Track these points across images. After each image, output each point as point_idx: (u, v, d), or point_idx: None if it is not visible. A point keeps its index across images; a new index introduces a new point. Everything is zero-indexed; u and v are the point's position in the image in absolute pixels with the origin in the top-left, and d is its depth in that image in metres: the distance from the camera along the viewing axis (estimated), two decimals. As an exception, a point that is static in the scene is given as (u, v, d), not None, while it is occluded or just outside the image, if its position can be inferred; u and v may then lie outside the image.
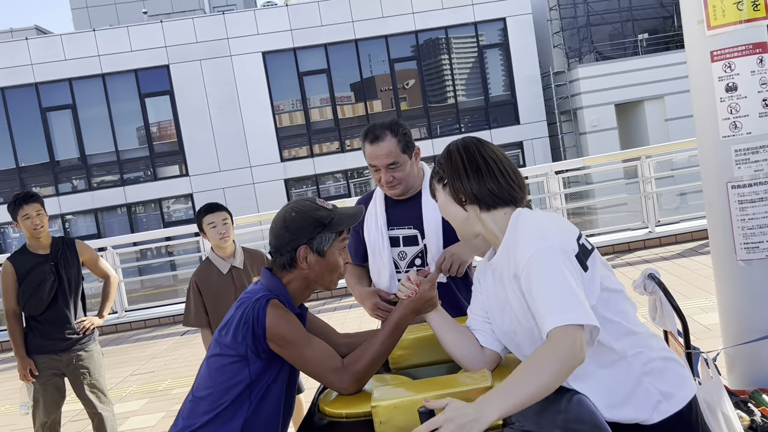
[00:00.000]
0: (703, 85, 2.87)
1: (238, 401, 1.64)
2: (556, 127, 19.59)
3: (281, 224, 1.73)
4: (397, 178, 2.33)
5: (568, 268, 1.42)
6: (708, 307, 4.86)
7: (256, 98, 17.80)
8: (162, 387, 5.45)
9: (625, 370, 1.50)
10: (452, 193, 1.64)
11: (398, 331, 1.66)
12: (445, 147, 1.71)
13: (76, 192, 17.91)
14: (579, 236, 1.52)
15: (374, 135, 2.32)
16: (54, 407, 3.54)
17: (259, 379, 1.65)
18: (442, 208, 1.69)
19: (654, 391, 1.50)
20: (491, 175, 1.61)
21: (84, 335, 3.58)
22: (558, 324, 1.36)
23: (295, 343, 1.62)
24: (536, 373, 1.31)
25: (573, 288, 1.39)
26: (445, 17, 18.19)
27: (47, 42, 17.72)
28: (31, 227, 3.42)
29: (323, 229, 1.71)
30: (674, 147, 8.44)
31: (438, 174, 1.68)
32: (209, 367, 1.69)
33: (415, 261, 2.41)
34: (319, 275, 1.74)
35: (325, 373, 1.61)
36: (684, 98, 18.07)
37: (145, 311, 8.43)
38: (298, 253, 1.71)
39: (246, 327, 1.62)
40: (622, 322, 1.52)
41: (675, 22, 19.67)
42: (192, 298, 3.26)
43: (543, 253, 1.43)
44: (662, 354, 1.56)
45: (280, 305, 1.66)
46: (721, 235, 2.91)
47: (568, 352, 1.34)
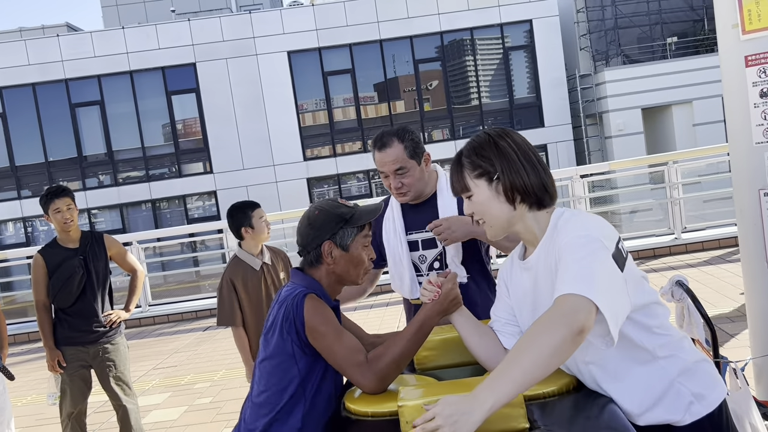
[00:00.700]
0: (737, 90, 2.83)
1: (294, 399, 1.70)
2: (581, 130, 19.41)
3: (306, 223, 1.81)
4: (406, 184, 2.35)
5: (603, 256, 1.36)
6: (735, 316, 4.78)
7: (281, 97, 17.91)
8: (184, 381, 5.51)
9: (658, 371, 1.48)
10: (506, 188, 1.50)
11: (422, 332, 1.66)
12: (477, 138, 1.58)
13: (102, 187, 18.18)
14: (618, 240, 1.47)
15: (381, 142, 2.35)
16: (80, 398, 3.60)
17: (309, 375, 1.70)
18: (481, 206, 1.54)
19: (686, 393, 1.48)
20: (544, 169, 1.53)
21: (111, 328, 3.63)
22: (569, 291, 1.29)
23: (327, 335, 1.66)
24: (528, 348, 1.24)
25: (601, 270, 1.33)
26: (470, 18, 18.13)
27: (77, 39, 18.01)
28: (62, 221, 3.48)
29: (345, 224, 1.78)
30: (702, 153, 8.32)
31: (481, 168, 1.52)
32: (261, 371, 1.75)
33: (433, 264, 2.44)
34: (345, 270, 1.80)
35: (349, 367, 1.63)
36: (713, 103, 17.81)
37: (169, 306, 8.52)
38: (323, 249, 1.78)
39: (288, 323, 1.68)
40: (655, 325, 1.50)
41: (705, 26, 19.38)
42: (226, 297, 3.28)
43: (581, 239, 1.39)
44: (694, 356, 1.54)
45: (317, 298, 1.72)
46: (752, 243, 2.86)
47: (565, 318, 1.25)
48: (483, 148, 1.55)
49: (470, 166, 1.55)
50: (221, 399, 4.88)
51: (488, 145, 1.54)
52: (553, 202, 1.54)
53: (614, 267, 1.37)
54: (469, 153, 1.56)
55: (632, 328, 1.46)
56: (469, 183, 1.55)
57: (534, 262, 1.52)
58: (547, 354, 1.23)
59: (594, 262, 1.34)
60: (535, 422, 1.36)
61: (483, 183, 1.53)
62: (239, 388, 5.06)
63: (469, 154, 1.56)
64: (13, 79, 17.55)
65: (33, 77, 17.57)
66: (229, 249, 8.39)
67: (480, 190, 1.54)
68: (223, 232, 8.72)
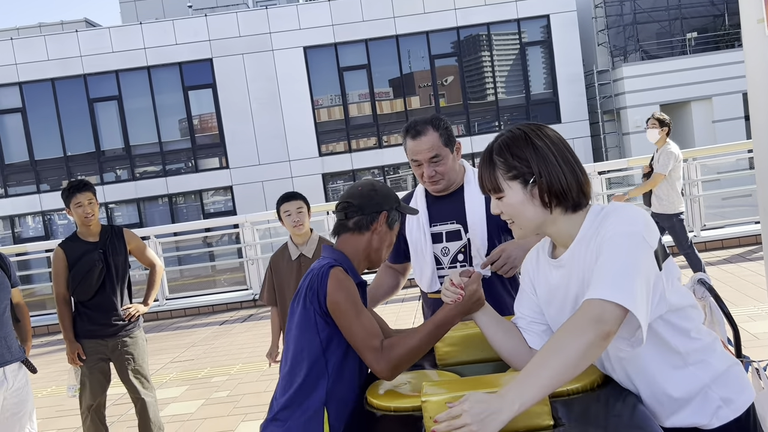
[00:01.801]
0: (762, 86, 2.78)
1: (316, 372, 1.72)
2: (598, 126, 19.25)
3: (369, 187, 1.87)
4: (440, 172, 2.33)
5: (645, 258, 1.32)
6: (756, 315, 4.72)
7: (297, 93, 17.94)
8: (201, 375, 5.55)
9: (690, 377, 1.45)
10: (542, 192, 1.42)
11: (441, 329, 1.66)
12: (511, 135, 1.47)
13: (119, 181, 18.34)
14: (660, 238, 1.42)
15: (416, 130, 2.32)
16: (99, 391, 3.64)
17: (330, 347, 1.72)
18: (513, 208, 1.46)
19: (715, 397, 1.45)
20: (580, 169, 1.45)
21: (129, 322, 3.67)
22: (599, 296, 1.27)
23: (347, 312, 1.68)
24: (557, 351, 1.24)
25: (639, 275, 1.29)
26: (487, 13, 18.02)
27: (96, 34, 18.16)
28: (83, 215, 3.51)
29: (398, 207, 1.88)
30: (722, 150, 8.22)
31: (515, 169, 1.43)
32: (288, 343, 1.79)
33: (458, 256, 2.40)
34: (378, 246, 1.86)
35: (365, 349, 1.66)
36: (733, 99, 17.57)
37: (186, 300, 8.59)
38: (380, 216, 1.84)
39: (312, 293, 1.73)
40: (691, 329, 1.47)
41: (726, 21, 19.11)
42: (267, 277, 3.47)
43: (626, 235, 1.33)
44: (725, 360, 1.51)
45: (343, 272, 1.74)
46: (776, 242, 2.82)
47: (592, 323, 1.24)
48: (518, 146, 1.45)
49: (504, 167, 1.45)
50: (238, 392, 4.91)
51: (524, 144, 1.44)
52: (588, 202, 1.48)
53: (653, 266, 1.34)
54: (501, 151, 1.46)
55: (666, 330, 1.43)
56: (501, 184, 1.46)
57: (567, 260, 1.47)
58: (574, 358, 1.24)
59: (633, 260, 1.31)
60: (560, 419, 1.34)
61: (517, 185, 1.44)
62: (256, 382, 5.09)
63: (501, 152, 1.46)
64: (33, 75, 17.75)
65: (52, 72, 17.75)
66: (246, 244, 8.43)
67: (513, 192, 1.45)
68: (239, 227, 8.76)
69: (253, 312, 7.91)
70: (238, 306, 8.23)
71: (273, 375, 5.19)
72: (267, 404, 4.54)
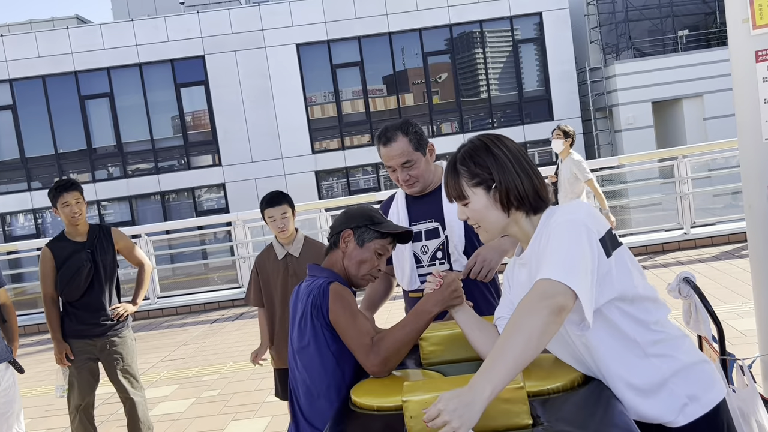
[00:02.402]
0: (746, 86, 2.80)
1: (336, 383, 1.81)
2: (590, 124, 19.30)
3: (343, 213, 2.03)
4: (414, 175, 2.41)
5: (588, 242, 1.40)
6: (743, 312, 4.75)
7: (290, 90, 17.91)
8: (192, 374, 5.54)
9: (649, 368, 1.48)
10: (502, 197, 1.53)
11: (422, 318, 1.74)
12: (471, 145, 1.58)
13: (111, 179, 18.27)
14: (609, 229, 1.49)
15: (386, 137, 2.39)
16: (88, 391, 3.63)
17: (343, 358, 1.81)
18: (478, 213, 1.56)
19: (680, 394, 1.48)
20: (536, 175, 1.56)
21: (118, 321, 3.66)
22: (548, 276, 1.35)
23: (344, 318, 1.78)
24: (516, 332, 1.30)
25: (584, 258, 1.38)
26: (480, 11, 18.03)
27: (87, 31, 18.07)
28: (70, 215, 3.50)
29: (371, 225, 1.96)
30: (713, 147, 8.25)
31: (478, 176, 1.54)
32: (302, 360, 1.87)
33: (436, 254, 2.47)
34: (353, 264, 1.95)
35: (359, 349, 1.75)
36: (724, 97, 17.63)
37: (177, 298, 8.57)
38: (342, 234, 1.96)
39: (316, 310, 1.82)
40: (651, 321, 1.50)
41: (717, 19, 19.19)
42: (252, 278, 3.48)
43: (568, 223, 1.43)
44: (692, 357, 1.53)
45: (340, 285, 1.87)
46: (761, 239, 2.84)
47: (544, 300, 1.32)
48: (479, 155, 1.55)
49: (467, 174, 1.56)
50: (229, 392, 4.91)
51: (484, 153, 1.55)
52: (547, 205, 1.57)
53: (598, 251, 1.41)
54: (464, 160, 1.57)
55: (620, 318, 1.48)
56: (466, 191, 1.56)
57: (528, 258, 1.56)
58: (534, 336, 1.30)
59: (576, 246, 1.39)
60: (539, 418, 1.36)
61: (481, 191, 1.55)
62: (246, 381, 5.09)
63: (464, 161, 1.56)
64: (24, 71, 17.65)
65: (43, 69, 17.65)
66: (238, 242, 8.42)
67: (477, 198, 1.56)
68: (231, 225, 8.75)
69: (244, 310, 7.90)
70: (230, 304, 8.21)
71: (264, 374, 5.18)
72: (257, 403, 4.56)
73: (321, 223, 8.34)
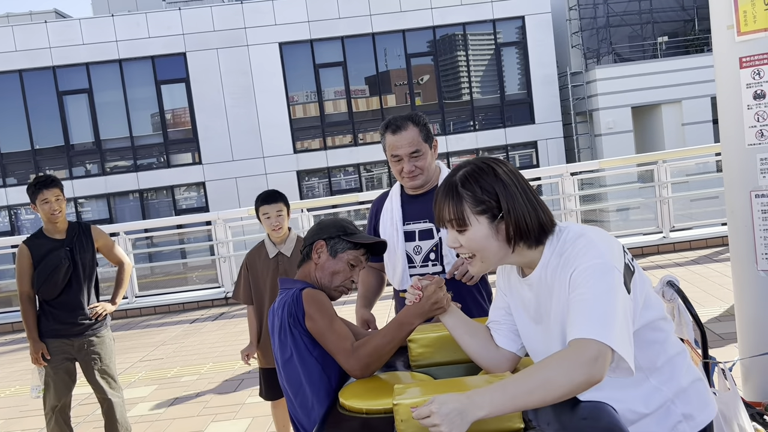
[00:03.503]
0: (731, 92, 2.83)
1: (323, 390, 1.79)
2: (571, 127, 19.45)
3: (316, 225, 2.03)
4: (419, 167, 2.38)
5: (620, 291, 1.32)
6: (722, 316, 4.81)
7: (272, 89, 17.80)
8: (170, 374, 5.47)
9: (654, 392, 1.46)
10: (508, 230, 1.41)
11: (402, 329, 1.72)
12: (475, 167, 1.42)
13: (89, 176, 18.01)
14: (624, 254, 1.42)
15: (396, 125, 2.37)
16: (64, 391, 3.56)
17: (327, 364, 1.80)
18: (477, 243, 1.42)
19: (676, 413, 1.46)
20: (542, 206, 1.44)
21: (96, 321, 3.59)
22: (586, 335, 1.28)
23: (320, 321, 1.77)
24: (542, 380, 1.25)
25: (618, 310, 1.30)
26: (463, 13, 18.08)
27: (66, 26, 17.78)
28: (49, 212, 3.43)
29: (344, 235, 1.95)
30: (692, 152, 8.36)
31: (483, 204, 1.39)
32: (287, 372, 1.85)
33: (429, 255, 2.43)
34: (325, 274, 1.94)
35: (339, 352, 1.75)
36: (702, 103, 17.88)
37: (156, 298, 8.46)
38: (315, 245, 1.95)
39: (293, 319, 1.81)
40: (660, 346, 1.47)
41: (695, 26, 19.46)
42: (242, 276, 3.45)
43: (597, 268, 1.33)
44: (689, 375, 1.51)
45: (313, 290, 1.87)
46: (743, 244, 2.87)
47: (585, 367, 1.25)
48: (485, 179, 1.41)
49: (472, 200, 1.40)
50: (208, 392, 4.85)
51: (491, 177, 1.41)
52: (548, 235, 1.46)
53: (626, 298, 1.34)
54: (468, 183, 1.41)
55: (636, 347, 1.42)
56: (469, 218, 1.41)
57: (535, 282, 1.48)
58: (558, 392, 1.25)
59: (611, 298, 1.31)
60: (530, 422, 1.35)
61: (485, 220, 1.40)
62: (227, 382, 5.03)
63: (468, 184, 1.41)
64: (0, 66, 17.32)
65: (20, 64, 17.34)
66: (218, 241, 8.34)
67: (479, 227, 1.41)
68: (211, 224, 8.66)
69: (224, 310, 7.83)
70: (210, 304, 8.14)
71: (244, 375, 5.13)
72: (237, 404, 4.51)
73: (303, 223, 8.29)
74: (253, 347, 3.41)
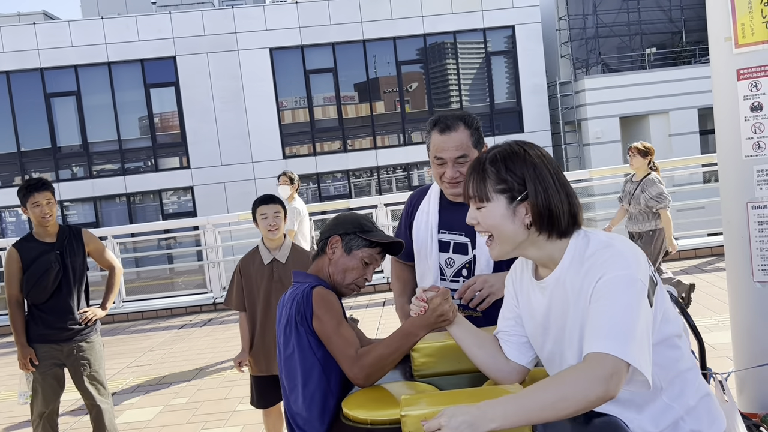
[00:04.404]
0: (727, 103, 2.84)
1: (321, 390, 1.76)
2: (559, 137, 19.57)
3: (333, 219, 1.99)
4: (464, 173, 2.08)
5: (642, 304, 1.30)
6: (713, 326, 4.83)
7: (262, 94, 17.75)
8: (159, 381, 5.40)
9: (666, 410, 1.44)
10: (533, 212, 1.38)
11: (407, 339, 1.68)
12: (504, 147, 1.42)
13: (76, 179, 17.83)
14: (648, 264, 1.40)
15: (445, 124, 2.12)
16: (53, 397, 3.50)
17: (329, 365, 1.76)
18: (491, 221, 1.42)
19: (686, 428, 1.44)
20: (574, 195, 1.41)
21: (86, 326, 3.54)
22: (603, 349, 1.25)
23: (327, 323, 1.74)
24: (556, 394, 1.23)
25: (638, 324, 1.28)
26: (454, 22, 18.16)
27: (54, 28, 17.64)
28: (40, 215, 3.38)
29: (360, 232, 1.91)
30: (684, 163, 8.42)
31: (505, 183, 1.39)
32: (287, 368, 1.83)
33: (462, 271, 2.21)
34: (338, 270, 1.91)
35: (343, 358, 1.72)
36: (688, 114, 18.06)
37: (143, 303, 8.38)
38: (330, 240, 1.92)
39: (300, 316, 1.78)
40: (674, 363, 1.45)
41: (683, 38, 19.67)
42: (234, 282, 3.40)
43: (622, 279, 1.31)
44: (699, 391, 1.49)
45: (324, 289, 1.83)
46: (739, 255, 2.88)
47: (601, 383, 1.23)
48: (513, 161, 1.40)
49: (495, 177, 1.41)
50: (198, 399, 4.79)
51: (520, 160, 1.41)
52: (576, 230, 1.43)
53: (648, 312, 1.32)
54: (496, 162, 1.42)
55: None
56: (489, 194, 1.42)
57: (551, 285, 1.45)
58: (572, 409, 1.24)
59: (632, 312, 1.29)
60: (535, 428, 1.33)
61: (502, 199, 1.41)
62: (216, 389, 4.98)
63: (496, 162, 1.42)
64: (-13, 66, 17.15)
65: (7, 65, 17.17)
66: (207, 246, 8.28)
67: (496, 205, 1.41)
68: (199, 229, 8.60)
69: (213, 316, 7.76)
70: (198, 309, 8.06)
71: (234, 381, 5.08)
72: (228, 411, 4.46)
73: (293, 229, 8.24)
74: (246, 354, 3.37)
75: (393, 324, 5.88)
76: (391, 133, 18.63)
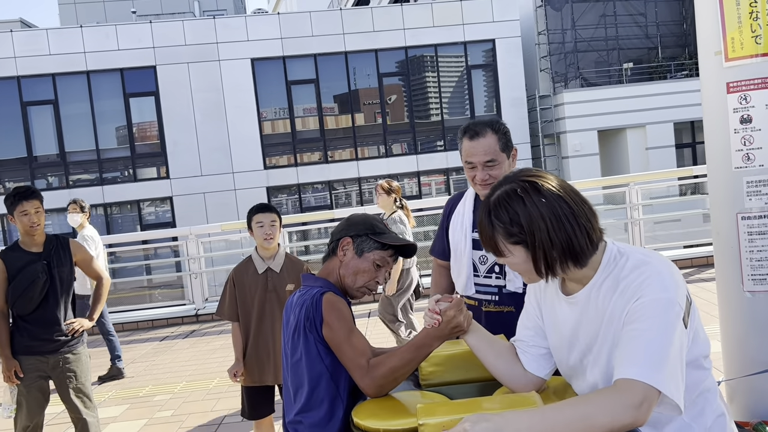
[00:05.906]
0: (717, 116, 2.90)
1: (330, 397, 1.73)
2: (539, 149, 19.78)
3: (345, 220, 1.95)
4: (494, 176, 2.27)
5: (678, 327, 1.29)
6: (697, 336, 4.89)
7: (243, 104, 17.68)
8: (143, 393, 5.31)
9: (683, 428, 1.43)
10: (537, 260, 1.37)
11: (420, 351, 1.66)
12: (502, 193, 1.38)
13: (52, 189, 17.54)
14: (685, 284, 1.40)
15: (474, 131, 2.29)
16: (37, 410, 3.42)
17: (337, 372, 1.73)
18: (518, 267, 1.42)
19: None
20: (579, 226, 1.36)
21: (73, 337, 3.47)
22: (635, 376, 1.24)
23: (338, 331, 1.71)
24: (583, 414, 1.22)
25: (672, 350, 1.27)
26: (435, 35, 18.32)
27: (32, 36, 17.41)
28: (28, 224, 3.32)
29: (372, 234, 1.87)
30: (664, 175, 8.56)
31: (515, 236, 1.36)
32: (294, 373, 1.79)
33: (494, 267, 2.33)
34: (349, 273, 1.87)
35: (354, 367, 1.69)
36: (664, 128, 18.40)
37: (123, 314, 8.24)
38: (341, 242, 1.88)
39: (309, 322, 1.75)
40: (697, 385, 1.44)
41: (659, 54, 20.07)
42: (227, 291, 3.34)
43: (660, 303, 1.30)
44: (716, 412, 1.48)
45: (334, 295, 1.80)
46: (729, 266, 2.93)
47: (631, 410, 1.22)
48: (514, 208, 1.36)
49: (503, 232, 1.38)
50: (183, 412, 4.72)
51: (520, 206, 1.36)
52: (596, 248, 1.40)
53: (683, 335, 1.31)
54: (499, 214, 1.38)
55: None
56: (502, 248, 1.40)
57: (582, 301, 1.44)
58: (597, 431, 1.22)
59: (667, 337, 1.28)
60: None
61: (520, 249, 1.38)
62: (202, 401, 4.90)
63: (499, 215, 1.38)
64: (-39, 74, 16.85)
65: (-17, 73, 16.91)
66: (189, 257, 8.18)
67: (516, 256, 1.39)
68: (180, 239, 8.51)
69: (195, 328, 7.66)
70: (179, 321, 7.95)
71: (219, 393, 5.01)
72: (214, 424, 4.39)
73: (277, 240, 8.19)
74: (240, 364, 3.32)
75: (380, 335, 5.86)
76: (372, 145, 18.66)
